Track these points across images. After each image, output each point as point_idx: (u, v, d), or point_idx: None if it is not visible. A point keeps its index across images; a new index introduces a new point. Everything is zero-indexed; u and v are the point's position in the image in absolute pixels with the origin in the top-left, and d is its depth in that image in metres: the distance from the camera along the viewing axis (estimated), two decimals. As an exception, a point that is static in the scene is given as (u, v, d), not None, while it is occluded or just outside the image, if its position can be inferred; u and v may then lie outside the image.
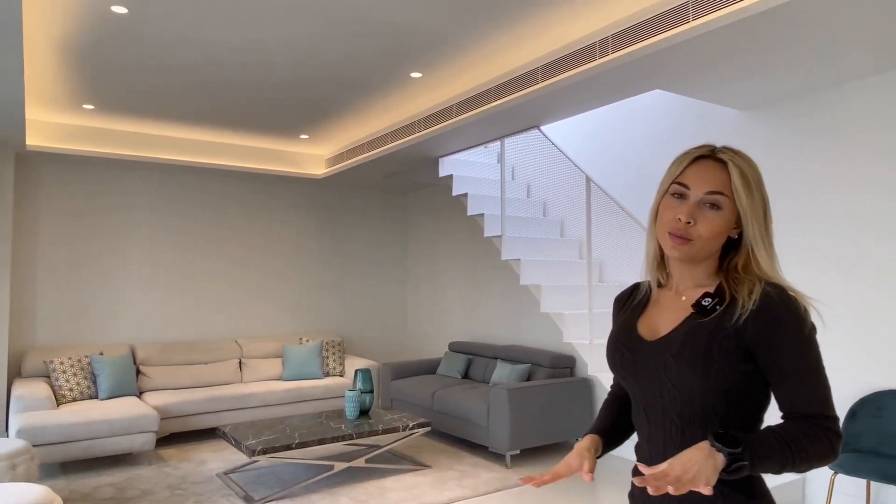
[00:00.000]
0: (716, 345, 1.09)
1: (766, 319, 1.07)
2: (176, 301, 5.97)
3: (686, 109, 4.39)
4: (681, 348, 1.12)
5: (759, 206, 1.13)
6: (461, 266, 6.55)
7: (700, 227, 1.12)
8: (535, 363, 5.07)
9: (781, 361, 1.07)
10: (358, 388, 4.60)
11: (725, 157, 1.15)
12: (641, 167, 4.69)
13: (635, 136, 4.76)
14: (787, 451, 1.01)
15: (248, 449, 3.69)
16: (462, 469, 4.35)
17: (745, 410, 1.11)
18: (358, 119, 5.13)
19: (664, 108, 4.55)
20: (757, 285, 1.10)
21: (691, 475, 0.96)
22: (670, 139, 4.49)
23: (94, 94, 4.46)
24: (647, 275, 1.29)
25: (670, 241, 1.15)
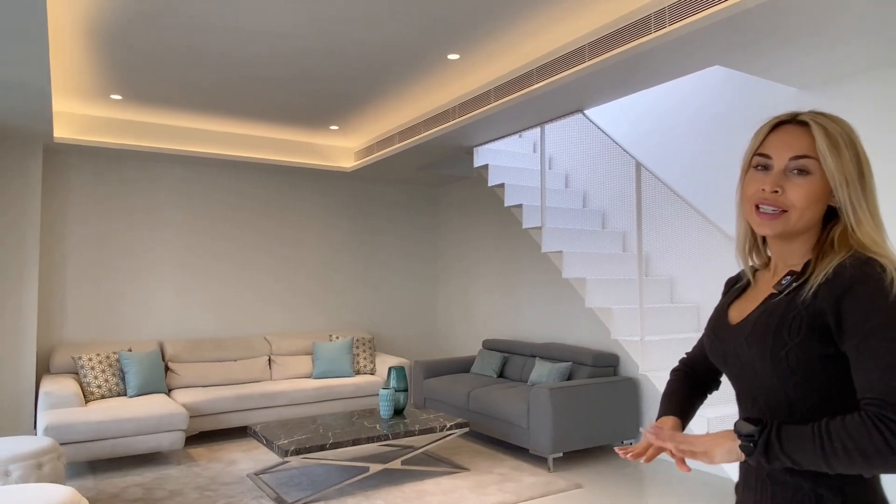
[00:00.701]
0: (786, 325, 0.99)
1: (835, 290, 0.95)
2: (204, 296, 5.86)
3: (743, 88, 4.11)
4: (752, 331, 1.04)
5: (852, 166, 1.01)
6: (494, 261, 6.33)
7: (790, 194, 1.02)
8: (577, 362, 4.83)
9: (849, 337, 0.94)
10: (392, 386, 4.41)
11: (807, 119, 1.05)
12: (694, 152, 4.42)
13: (687, 118, 4.49)
14: (819, 442, 0.90)
15: (281, 449, 3.52)
16: (502, 472, 4.13)
17: (838, 402, 0.98)
18: (390, 108, 4.94)
19: (719, 87, 4.28)
20: (838, 256, 0.98)
21: (697, 445, 0.99)
22: (726, 121, 4.21)
23: (121, 83, 4.34)
24: (739, 259, 1.19)
25: (757, 218, 1.06)
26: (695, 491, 3.81)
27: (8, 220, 4.79)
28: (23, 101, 3.88)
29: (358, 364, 6.00)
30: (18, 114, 4.15)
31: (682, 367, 1.37)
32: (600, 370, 4.73)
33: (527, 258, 5.87)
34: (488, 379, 5.34)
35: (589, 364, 4.73)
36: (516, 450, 4.72)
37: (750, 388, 1.08)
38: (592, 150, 5.25)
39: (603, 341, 5.00)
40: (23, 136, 4.74)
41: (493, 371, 5.46)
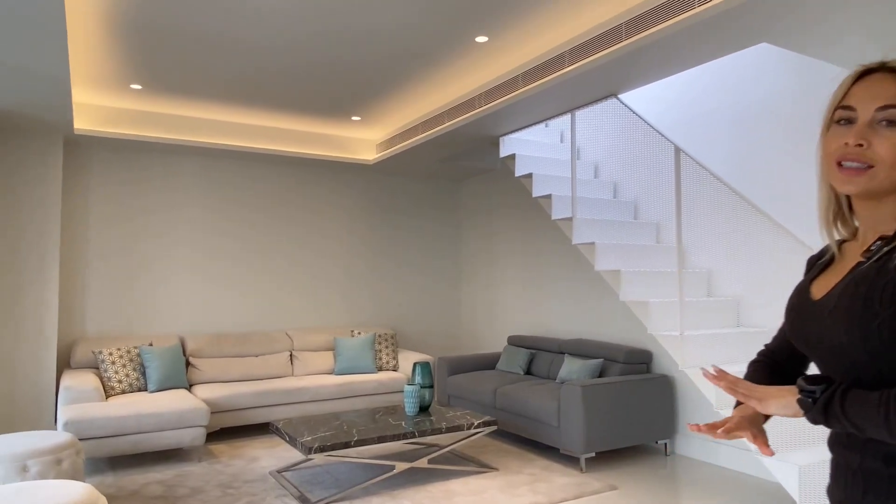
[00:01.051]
0: (877, 294, 0.88)
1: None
2: (225, 291, 5.77)
3: (791, 69, 3.90)
4: (837, 304, 0.93)
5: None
6: (519, 256, 6.17)
7: (877, 147, 0.91)
8: (608, 358, 4.65)
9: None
10: (417, 382, 4.27)
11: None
12: (737, 138, 4.22)
13: (729, 101, 4.29)
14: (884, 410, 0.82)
15: (304, 446, 3.39)
16: (532, 472, 3.97)
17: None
18: (413, 97, 4.80)
19: (764, 68, 4.07)
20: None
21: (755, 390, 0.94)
22: (773, 105, 4.01)
23: (141, 72, 4.26)
24: (823, 231, 1.06)
25: (840, 174, 0.95)
26: (737, 494, 3.62)
27: (29, 213, 4.74)
28: (42, 90, 3.80)
29: (380, 360, 5.87)
30: (38, 104, 4.08)
31: (762, 358, 1.24)
32: (633, 367, 4.54)
33: (553, 252, 5.70)
34: (515, 376, 5.18)
35: (621, 361, 4.54)
36: (545, 449, 4.55)
37: (838, 370, 0.95)
38: (624, 137, 5.06)
39: (635, 337, 4.81)
40: (43, 128, 4.68)
41: (519, 368, 5.30)
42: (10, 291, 4.65)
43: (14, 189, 4.70)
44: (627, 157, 5.06)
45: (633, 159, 5.01)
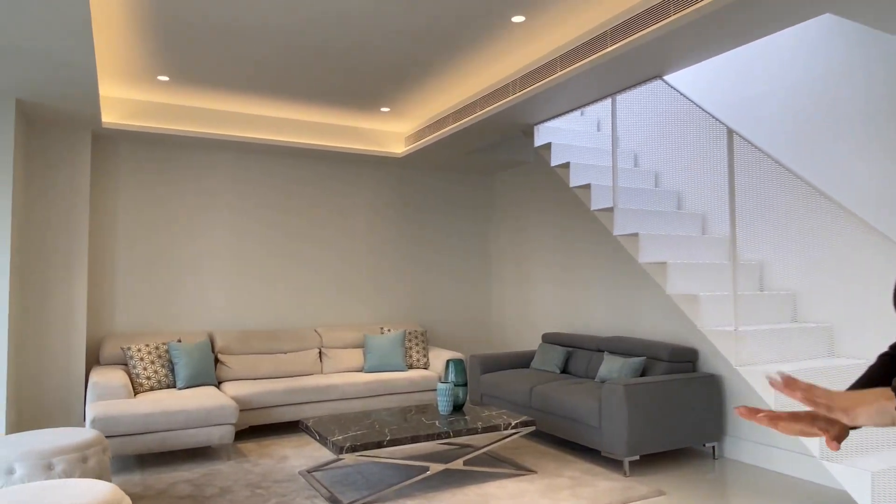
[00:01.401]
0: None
1: None
2: (254, 287, 5.68)
3: (856, 43, 3.63)
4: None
5: None
6: (553, 251, 5.95)
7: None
8: (651, 356, 4.42)
9: None
10: (450, 380, 4.10)
11: None
12: (791, 121, 3.96)
13: (786, 82, 4.03)
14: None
15: (335, 446, 3.25)
16: (573, 476, 3.77)
17: None
18: (444, 84, 4.64)
19: (825, 43, 3.81)
20: None
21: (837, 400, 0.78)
22: (836, 82, 3.74)
23: (168, 63, 4.17)
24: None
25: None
26: (792, 501, 3.37)
27: (58, 209, 4.70)
28: (68, 79, 3.73)
29: (410, 358, 5.72)
30: (66, 95, 4.02)
31: (891, 351, 1.09)
32: (677, 366, 4.31)
33: (590, 246, 5.48)
34: (551, 375, 4.98)
35: (665, 359, 4.31)
36: (585, 451, 4.34)
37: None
38: (667, 124, 4.82)
39: (678, 334, 4.58)
40: (71, 122, 4.63)
41: (555, 366, 5.09)
42: (40, 288, 4.61)
43: (43, 186, 4.66)
44: (670, 144, 4.82)
45: (676, 147, 4.76)
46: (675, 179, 4.75)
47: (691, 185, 4.62)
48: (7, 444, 2.93)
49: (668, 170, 4.81)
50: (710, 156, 4.47)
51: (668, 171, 4.82)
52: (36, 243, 4.62)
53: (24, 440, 3.00)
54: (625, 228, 3.98)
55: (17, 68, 3.53)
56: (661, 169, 4.87)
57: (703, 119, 4.50)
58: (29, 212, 4.62)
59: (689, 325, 4.49)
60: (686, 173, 4.66)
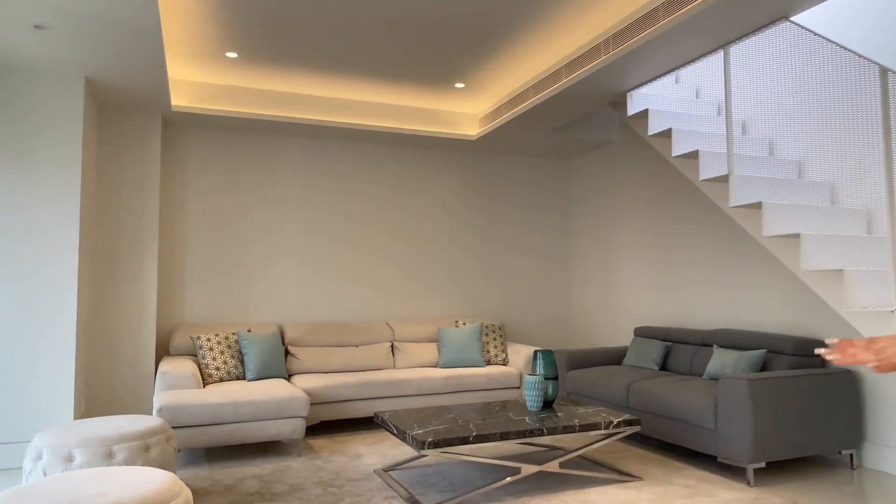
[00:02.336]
0: None
1: None
2: (324, 278, 5.43)
3: None
4: None
5: None
6: (643, 237, 5.41)
7: None
8: (772, 349, 3.83)
9: None
10: (539, 372, 3.67)
11: None
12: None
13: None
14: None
15: (416, 441, 2.88)
16: (687, 484, 3.24)
17: None
18: (525, 51, 4.22)
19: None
20: None
21: None
22: None
23: (237, 38, 3.97)
24: None
25: None
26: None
27: (129, 196, 4.59)
28: (136, 50, 3.56)
29: (488, 353, 5.31)
30: (134, 72, 3.87)
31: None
32: (804, 360, 3.70)
33: (689, 228, 4.91)
34: (649, 372, 4.45)
35: (789, 352, 3.72)
36: (696, 456, 3.80)
37: None
38: (785, 81, 4.22)
39: (800, 324, 3.96)
40: (142, 106, 4.52)
41: (653, 362, 4.56)
42: (110, 278, 4.50)
43: (115, 173, 4.57)
44: (788, 106, 4.21)
45: (796, 108, 4.16)
46: (794, 148, 4.14)
47: (815, 152, 4.00)
48: (68, 430, 2.73)
49: (786, 137, 4.21)
50: (841, 114, 3.85)
51: (784, 139, 4.22)
52: (107, 232, 4.52)
53: (85, 426, 2.79)
54: (744, 198, 3.43)
55: (86, 39, 3.38)
56: (777, 136, 4.27)
57: (837, 66, 3.88)
58: (100, 199, 4.53)
59: (815, 312, 3.87)
60: (809, 138, 4.04)
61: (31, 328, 3.75)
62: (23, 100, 3.82)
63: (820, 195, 3.80)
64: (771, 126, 4.32)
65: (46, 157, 3.85)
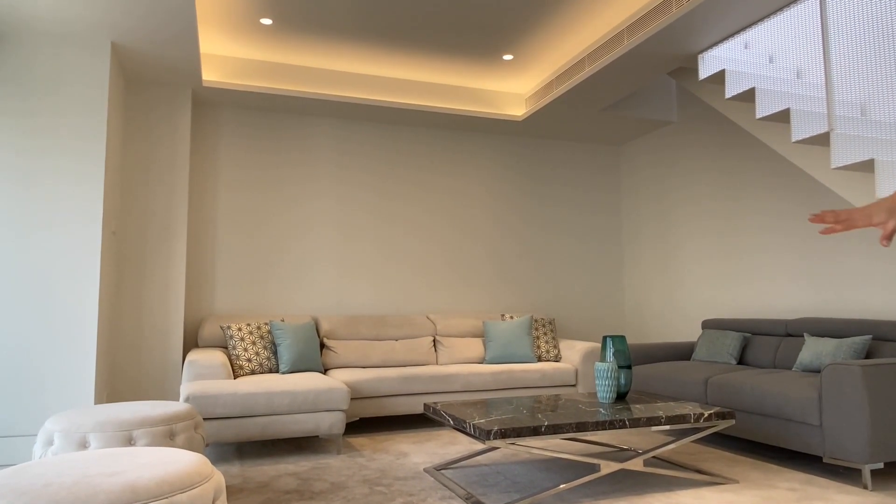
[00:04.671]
0: None
1: None
2: (360, 267, 5.08)
3: None
4: None
5: None
6: (703, 225, 4.95)
7: None
8: (877, 336, 3.34)
9: None
10: (610, 359, 3.24)
11: None
12: None
13: None
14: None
15: (480, 430, 2.47)
16: (792, 488, 2.77)
17: None
18: (582, 14, 3.85)
19: None
20: None
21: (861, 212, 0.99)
22: None
23: (272, 1, 3.67)
24: None
25: None
26: None
27: (157, 175, 4.30)
28: (165, 8, 3.28)
29: (538, 349, 4.88)
30: (164, 37, 3.59)
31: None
32: (916, 348, 3.21)
33: (761, 210, 4.44)
34: (725, 366, 3.98)
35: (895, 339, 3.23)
36: (793, 457, 3.31)
37: None
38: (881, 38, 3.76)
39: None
40: (172, 78, 4.25)
41: (729, 356, 4.08)
42: (136, 263, 4.21)
43: (143, 150, 4.28)
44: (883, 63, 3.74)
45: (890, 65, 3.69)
46: (888, 111, 3.67)
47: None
48: (83, 414, 2.38)
49: (880, 97, 3.74)
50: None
51: (879, 99, 3.75)
52: (132, 212, 4.23)
53: (102, 410, 2.45)
54: (849, 157, 2.98)
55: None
56: (869, 97, 3.80)
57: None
58: (124, 178, 4.25)
59: (926, 295, 3.38)
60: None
61: (52, 315, 3.45)
62: (43, 66, 3.56)
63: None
64: (863, 87, 3.85)
65: (68, 129, 3.58)
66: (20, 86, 3.50)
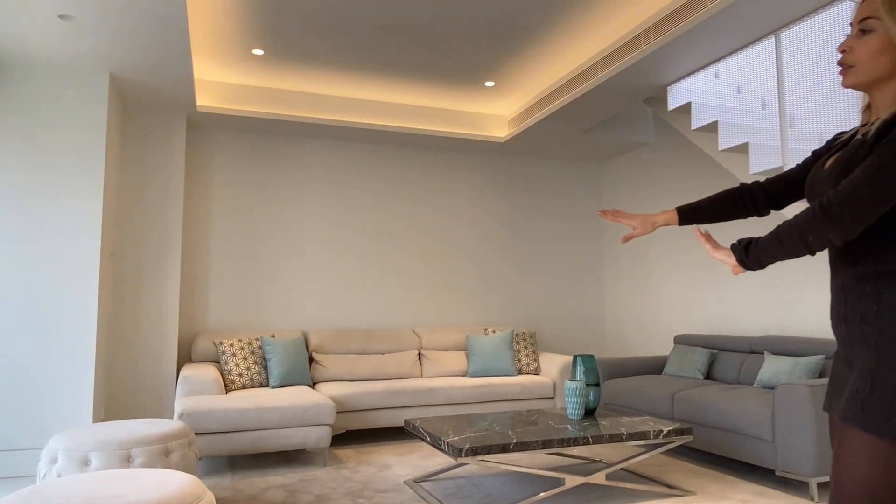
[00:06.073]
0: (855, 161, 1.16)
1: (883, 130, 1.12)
2: (348, 283, 5.28)
3: None
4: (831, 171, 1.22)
5: None
6: (679, 244, 5.18)
7: (856, 51, 1.20)
8: (830, 355, 3.57)
9: None
10: (580, 378, 3.45)
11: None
12: None
13: None
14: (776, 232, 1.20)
15: (452, 447, 2.68)
16: (744, 499, 2.99)
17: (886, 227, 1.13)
18: (559, 44, 4.06)
19: None
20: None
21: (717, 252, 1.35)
22: None
23: (262, 34, 3.87)
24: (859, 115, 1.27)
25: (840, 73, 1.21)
26: None
27: (152, 197, 4.49)
28: (161, 41, 3.47)
29: (519, 362, 5.09)
30: (159, 67, 3.79)
31: (748, 184, 1.55)
32: (866, 367, 3.43)
33: (732, 232, 4.67)
34: (693, 381, 4.20)
35: (849, 358, 3.45)
36: (750, 469, 3.53)
37: None
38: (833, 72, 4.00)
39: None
40: (167, 105, 4.44)
41: (697, 371, 4.30)
42: (132, 282, 4.39)
43: (139, 173, 4.47)
44: (837, 99, 3.98)
45: (846, 100, 3.92)
46: (848, 141, 3.91)
47: (873, 145, 3.76)
48: (84, 433, 2.57)
49: (836, 129, 3.97)
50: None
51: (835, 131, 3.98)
52: (129, 234, 4.42)
53: (102, 429, 2.64)
54: (799, 191, 3.20)
55: (111, 30, 3.30)
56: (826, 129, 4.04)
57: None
58: (122, 200, 4.43)
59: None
60: (866, 130, 3.81)
61: (52, 332, 3.64)
62: (46, 95, 3.75)
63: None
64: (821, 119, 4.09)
65: (69, 155, 3.76)
66: (24, 115, 3.68)
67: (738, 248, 1.27)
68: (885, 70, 1.17)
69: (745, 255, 1.25)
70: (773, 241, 1.20)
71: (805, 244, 1.15)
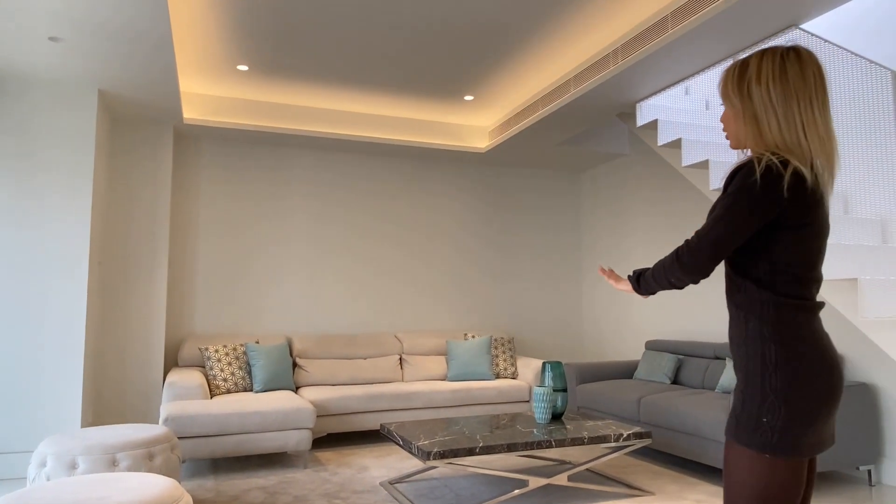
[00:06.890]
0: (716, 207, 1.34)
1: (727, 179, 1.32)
2: (332, 289, 5.43)
3: None
4: None
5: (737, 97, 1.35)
6: (653, 251, 5.36)
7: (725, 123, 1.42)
8: (785, 361, 3.75)
9: None
10: (547, 384, 3.62)
11: None
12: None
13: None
14: (652, 270, 1.44)
15: (422, 451, 2.84)
16: (699, 499, 3.17)
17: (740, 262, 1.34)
18: (535, 61, 4.24)
19: None
20: None
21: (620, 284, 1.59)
22: None
23: (247, 51, 4.02)
24: None
25: None
26: None
27: (140, 207, 4.63)
28: (147, 58, 3.62)
29: (497, 367, 5.26)
30: (146, 83, 3.93)
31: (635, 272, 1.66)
32: (819, 373, 3.62)
33: (700, 241, 4.86)
34: (660, 385, 4.38)
35: (803, 364, 3.63)
36: (708, 471, 3.71)
37: None
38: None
39: (817, 337, 3.87)
40: (154, 117, 4.58)
41: (664, 376, 4.49)
42: (120, 290, 4.53)
43: (126, 184, 4.61)
44: (797, 118, 4.17)
45: (805, 120, 4.11)
46: (806, 157, 4.10)
47: (828, 162, 3.95)
48: (72, 438, 2.72)
49: (797, 147, 4.16)
50: (852, 123, 3.81)
51: (796, 149, 4.17)
52: (117, 243, 4.56)
53: (89, 434, 2.79)
54: (754, 207, 3.39)
55: (99, 51, 3.44)
56: (788, 147, 4.23)
57: (848, 75, 3.85)
58: (110, 211, 4.57)
59: (829, 324, 3.80)
60: (821, 148, 4.00)
61: (41, 339, 3.77)
62: (36, 112, 3.88)
63: (833, 205, 3.75)
64: (782, 136, 4.27)
65: (59, 168, 3.90)
66: (15, 130, 3.82)
67: (632, 279, 1.49)
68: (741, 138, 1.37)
69: (637, 285, 1.47)
70: (650, 278, 1.43)
71: (671, 284, 1.38)
